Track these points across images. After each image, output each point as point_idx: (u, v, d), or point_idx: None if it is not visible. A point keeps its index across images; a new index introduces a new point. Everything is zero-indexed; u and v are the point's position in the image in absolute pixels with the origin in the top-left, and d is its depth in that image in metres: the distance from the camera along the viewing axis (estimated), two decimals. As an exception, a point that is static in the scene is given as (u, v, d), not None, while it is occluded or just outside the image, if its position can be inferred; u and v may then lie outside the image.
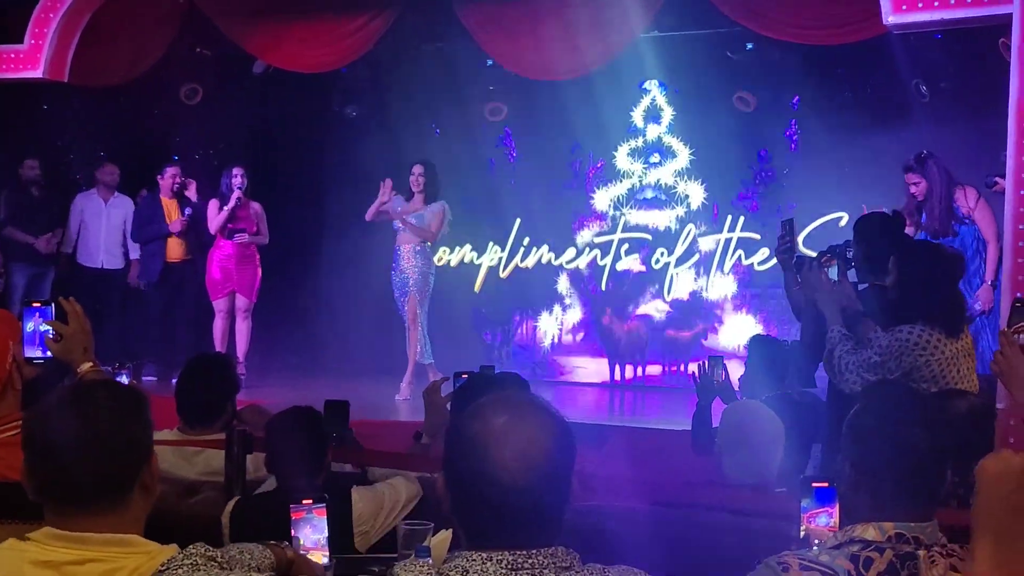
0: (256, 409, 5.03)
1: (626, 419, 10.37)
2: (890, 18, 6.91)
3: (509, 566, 1.93)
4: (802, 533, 2.85)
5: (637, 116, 11.75)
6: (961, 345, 4.71)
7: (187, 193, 10.57)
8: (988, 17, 6.79)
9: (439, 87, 11.78)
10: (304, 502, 3.34)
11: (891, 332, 4.67)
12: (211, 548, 2.21)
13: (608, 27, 8.99)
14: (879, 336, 4.71)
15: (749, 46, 10.67)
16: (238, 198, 10.14)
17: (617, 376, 11.77)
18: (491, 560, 1.94)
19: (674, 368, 11.51)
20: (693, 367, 5.86)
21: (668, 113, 11.66)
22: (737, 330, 11.27)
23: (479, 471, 1.94)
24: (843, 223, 10.40)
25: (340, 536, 3.92)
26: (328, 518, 3.74)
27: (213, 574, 2.09)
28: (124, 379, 5.80)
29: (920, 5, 6.83)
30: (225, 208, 10.18)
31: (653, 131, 11.71)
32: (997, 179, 7.54)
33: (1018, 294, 5.93)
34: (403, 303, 9.99)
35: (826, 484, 2.77)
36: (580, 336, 11.99)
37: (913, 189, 8.23)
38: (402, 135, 11.53)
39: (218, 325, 10.37)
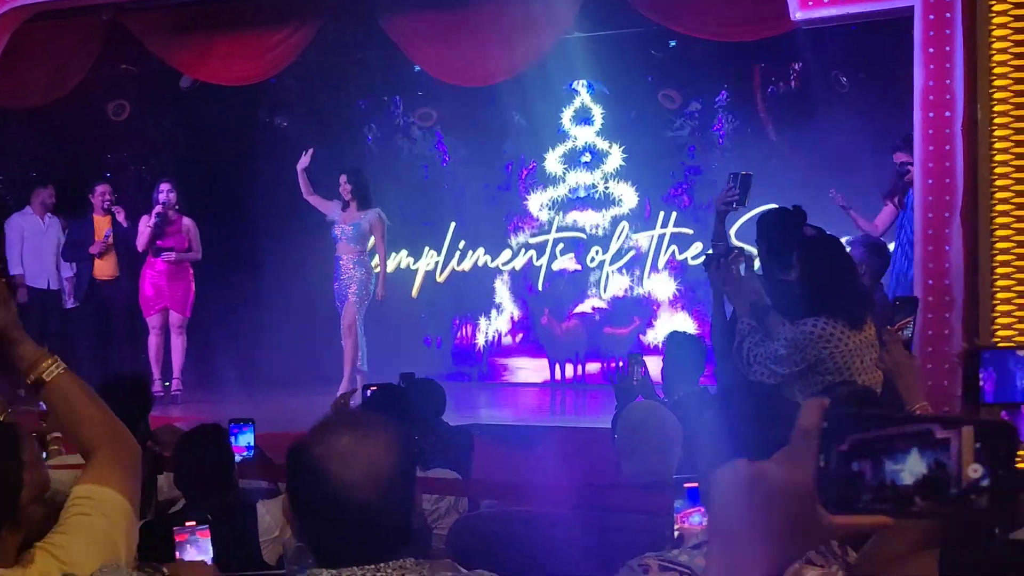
0: (170, 428, 5.02)
1: (567, 418, 10.45)
2: (797, 14, 7.03)
3: None
4: (676, 533, 2.90)
5: (567, 117, 11.80)
6: (864, 336, 4.78)
7: (118, 218, 10.48)
8: (890, 11, 6.95)
9: (369, 95, 11.80)
10: (187, 524, 3.35)
11: (796, 325, 4.74)
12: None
13: (529, 31, 9.04)
14: (785, 329, 4.78)
15: (672, 44, 10.76)
16: (158, 214, 10.06)
17: (557, 375, 11.82)
18: None
19: (613, 365, 11.56)
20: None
21: (597, 113, 11.73)
22: (674, 325, 11.33)
23: (323, 492, 1.98)
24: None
25: (246, 552, 3.95)
26: (229, 536, 3.77)
27: None
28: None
29: (825, 1, 6.95)
30: (148, 225, 10.10)
31: (583, 131, 11.77)
32: (909, 167, 7.65)
33: (899, 293, 6.06)
34: (342, 312, 9.97)
35: (697, 484, 2.81)
36: (519, 337, 12.04)
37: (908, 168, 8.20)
38: (334, 144, 11.54)
39: (152, 342, 10.32)
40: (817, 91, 10.40)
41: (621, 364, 5.78)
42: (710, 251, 5.36)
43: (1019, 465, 1.30)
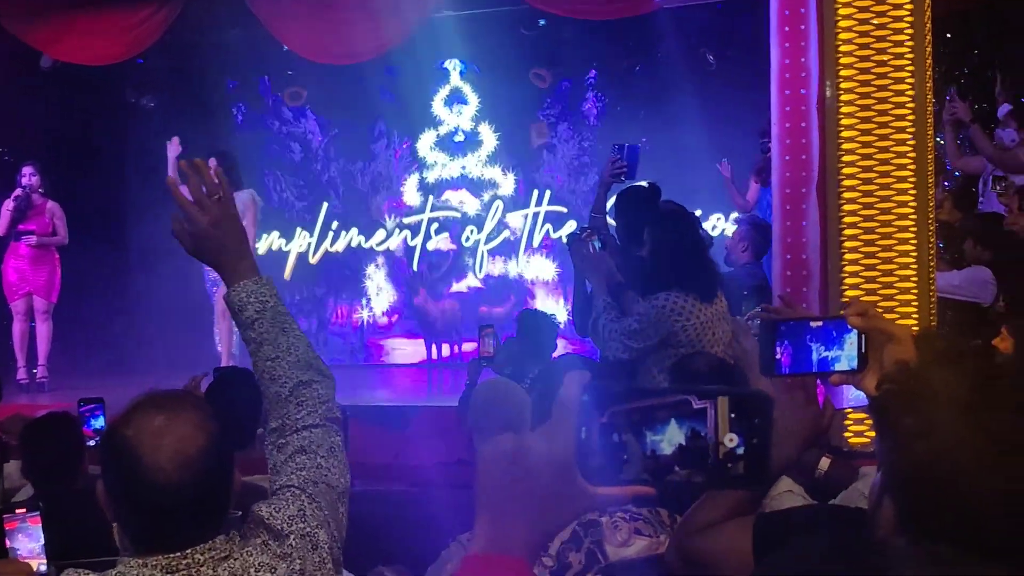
0: (18, 417, 4.93)
1: (444, 398, 10.44)
2: (657, -7, 7.11)
3: (164, 569, 1.95)
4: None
5: (439, 96, 11.77)
6: (715, 310, 4.89)
7: None
8: (747, -10, 7.03)
9: (237, 74, 11.64)
10: (18, 511, 3.30)
11: (648, 300, 4.82)
12: None
13: (397, 9, 9.00)
14: (638, 304, 4.86)
15: (542, 23, 10.78)
16: (17, 197, 9.81)
17: (434, 355, 11.82)
18: (147, 566, 1.95)
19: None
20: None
21: (469, 91, 11.72)
22: (550, 303, 11.43)
23: (135, 476, 1.96)
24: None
25: (96, 539, 3.89)
26: (78, 523, 3.71)
27: None
28: None
29: (684, -20, 7.04)
30: (6, 209, 9.84)
31: (456, 110, 11.76)
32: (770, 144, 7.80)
33: (766, 267, 6.19)
34: (215, 295, 9.82)
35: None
36: (395, 318, 12.01)
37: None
38: (204, 124, 11.36)
39: (16, 328, 10.08)
40: (685, 69, 10.51)
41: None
42: (585, 226, 5.39)
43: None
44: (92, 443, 4.59)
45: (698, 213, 10.38)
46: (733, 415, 1.23)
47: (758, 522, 2.25)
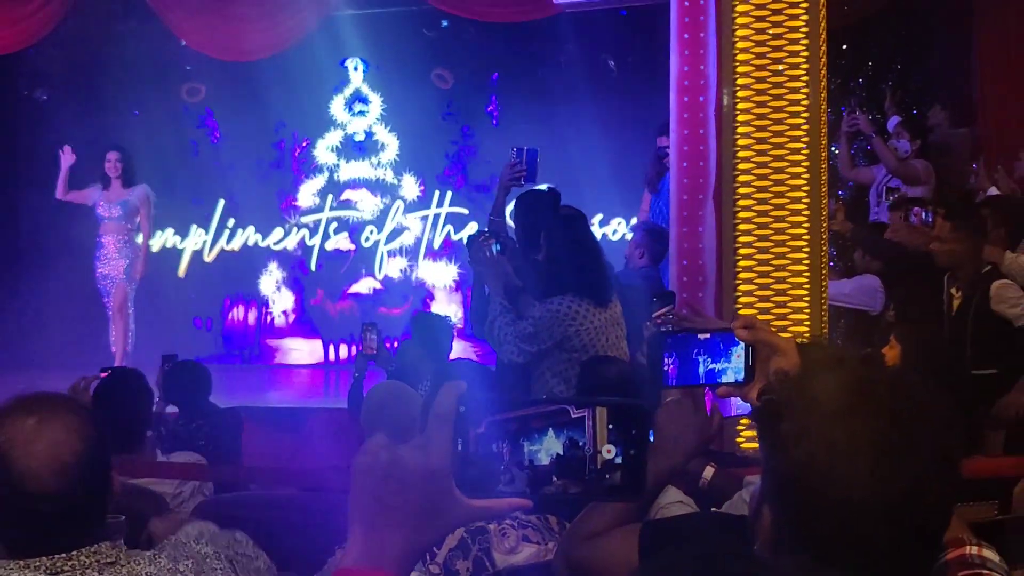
0: None
1: (340, 400, 10.33)
2: (559, -1, 7.13)
3: (48, 571, 1.91)
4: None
5: (339, 96, 11.69)
6: (610, 314, 4.91)
7: None
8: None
9: (135, 68, 11.40)
10: None
11: (543, 303, 4.83)
12: None
13: (295, 6, 8.93)
14: (534, 308, 4.87)
15: (444, 23, 10.77)
16: None
17: (332, 356, 11.72)
18: (29, 568, 1.91)
19: (388, 345, 11.51)
20: None
21: (369, 91, 11.65)
22: (449, 303, 11.41)
23: (8, 482, 1.91)
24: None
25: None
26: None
27: None
28: None
29: (585, -15, 7.07)
30: None
31: (356, 109, 11.68)
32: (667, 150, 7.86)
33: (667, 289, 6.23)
34: (111, 292, 9.62)
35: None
36: (292, 318, 11.89)
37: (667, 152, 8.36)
38: (100, 118, 11.14)
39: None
40: (587, 74, 10.58)
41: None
42: (484, 229, 5.39)
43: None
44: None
45: (598, 218, 10.55)
46: (611, 426, 1.22)
47: (644, 530, 2.25)
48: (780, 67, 5.78)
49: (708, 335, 2.03)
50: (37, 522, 1.93)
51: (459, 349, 8.71)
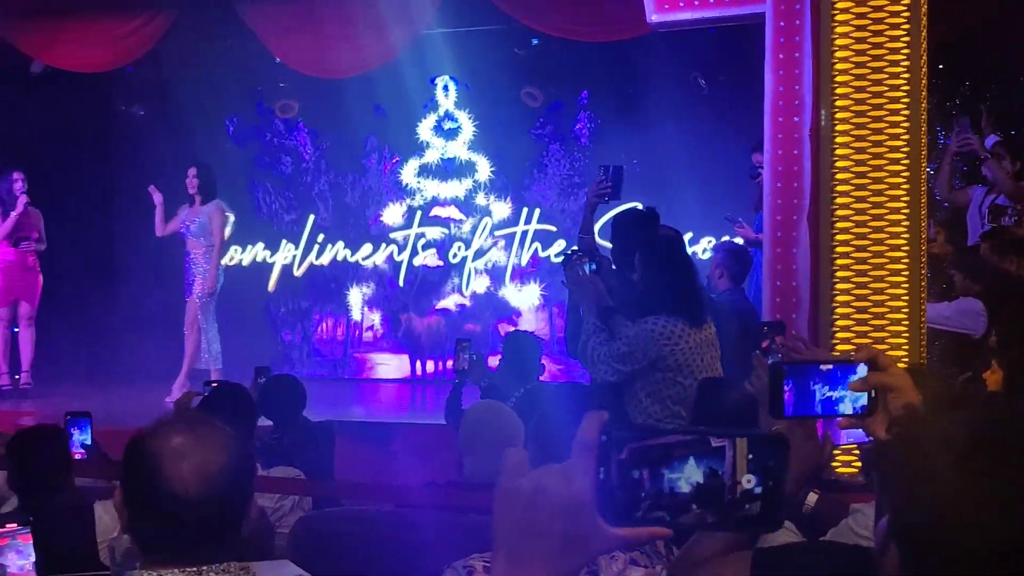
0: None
1: (427, 415, 10.40)
2: (653, 16, 7.13)
3: None
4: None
5: (430, 118, 11.76)
6: (704, 335, 4.89)
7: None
8: (744, 16, 7.09)
9: (229, 85, 11.61)
10: (7, 526, 3.26)
11: (637, 323, 4.83)
12: None
13: (390, 24, 9.00)
14: (628, 327, 4.86)
15: (535, 42, 10.81)
16: (27, 203, 9.80)
17: (419, 371, 11.79)
18: None
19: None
20: None
21: (459, 110, 11.72)
22: (536, 320, 11.43)
23: (155, 485, 1.98)
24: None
25: (83, 553, 3.87)
26: (65, 537, 3.69)
27: None
28: None
29: (681, 4, 7.08)
30: (13, 214, 9.80)
31: (446, 126, 11.75)
32: (760, 170, 7.80)
33: (769, 319, 6.18)
34: (188, 304, 9.77)
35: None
36: (380, 332, 11.98)
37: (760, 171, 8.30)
38: (194, 134, 11.36)
39: (-1, 334, 10.03)
40: (677, 92, 10.56)
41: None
42: (574, 247, 5.40)
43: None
44: (77, 457, 4.57)
45: (688, 236, 10.49)
46: (751, 456, 1.23)
47: (756, 557, 2.24)
48: (881, 88, 5.72)
49: (831, 366, 2.02)
50: (178, 526, 1.98)
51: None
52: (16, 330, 10.17)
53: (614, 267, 5.48)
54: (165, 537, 2.01)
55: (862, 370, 2.00)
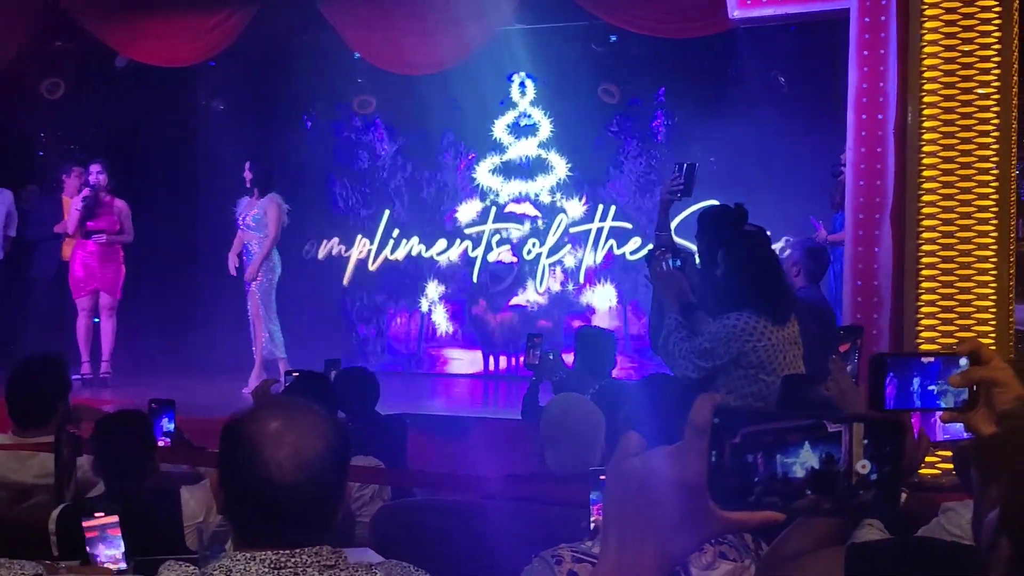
0: (85, 408, 4.96)
1: (499, 410, 10.42)
2: (735, 12, 7.08)
3: (272, 565, 1.97)
4: (592, 524, 2.91)
5: (506, 117, 11.78)
6: (787, 333, 4.84)
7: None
8: (827, 12, 7.01)
9: (308, 80, 11.70)
10: (97, 518, 3.30)
11: (720, 319, 4.79)
12: None
13: (468, 20, 9.02)
14: (710, 323, 4.83)
15: (613, 39, 10.78)
16: (85, 196, 9.90)
17: (491, 367, 11.82)
18: (255, 560, 1.97)
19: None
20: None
21: (535, 107, 11.71)
22: (610, 317, 11.40)
23: (252, 468, 2.00)
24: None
25: (169, 537, 3.91)
26: (151, 522, 3.74)
27: None
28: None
29: (763, 0, 7.00)
30: (77, 207, 9.94)
31: (523, 122, 11.76)
32: (842, 168, 7.72)
33: (849, 320, 6.10)
34: (250, 296, 9.84)
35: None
36: (453, 328, 12.01)
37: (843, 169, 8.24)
38: (273, 129, 11.46)
39: (81, 324, 10.17)
40: (756, 90, 10.47)
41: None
42: (662, 244, 5.38)
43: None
44: (161, 443, 4.63)
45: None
46: (867, 441, 1.21)
47: (851, 553, 2.21)
48: (970, 84, 5.62)
49: (932, 359, 1.99)
50: (273, 511, 2.00)
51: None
52: (97, 320, 10.32)
53: (699, 264, 5.45)
54: (260, 520, 2.03)
55: (964, 364, 1.97)
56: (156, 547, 3.68)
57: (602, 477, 2.87)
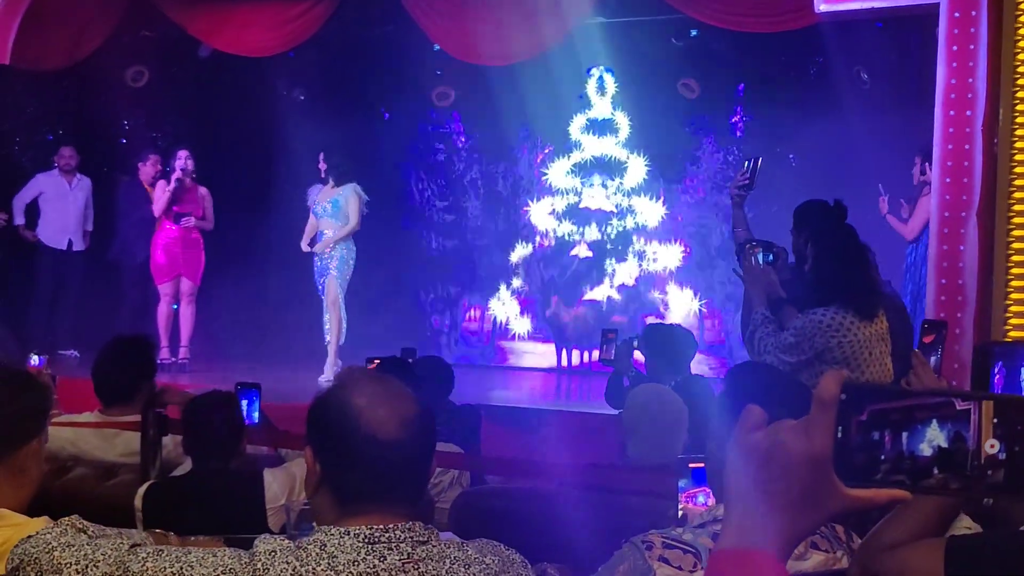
0: (174, 391, 5.02)
1: (572, 404, 10.41)
2: (821, 7, 7.02)
3: (366, 540, 1.98)
4: (680, 512, 2.89)
5: (583, 102, 11.75)
6: (875, 329, 4.77)
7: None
8: (916, 6, 6.91)
9: (387, 71, 11.77)
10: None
11: (806, 314, 4.74)
12: (83, 522, 2.22)
13: (550, 13, 9.02)
14: (796, 318, 4.79)
15: (693, 33, 10.72)
16: (178, 179, 10.04)
17: (564, 362, 11.80)
18: (348, 535, 1.99)
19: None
20: None
21: (613, 100, 11.67)
22: (683, 312, 11.33)
23: (354, 429, 2.03)
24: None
25: (253, 518, 3.95)
26: (236, 502, 3.79)
27: (80, 540, 2.10)
28: (35, 361, 5.82)
29: (850, -7, 6.93)
30: (167, 190, 10.09)
31: (600, 115, 11.72)
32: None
33: (932, 316, 6.01)
34: (323, 285, 9.91)
35: (703, 464, 2.79)
36: (527, 322, 12.02)
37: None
38: (351, 120, 11.53)
39: (162, 309, 10.31)
40: (838, 86, 10.33)
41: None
42: (752, 239, 5.33)
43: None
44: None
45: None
46: (996, 420, 1.18)
47: (951, 545, 2.18)
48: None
49: None
50: (376, 470, 2.03)
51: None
52: (176, 307, 10.45)
53: (792, 260, 5.41)
54: (362, 481, 2.05)
55: None
56: (239, 528, 3.72)
57: (692, 466, 2.85)
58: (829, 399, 1.19)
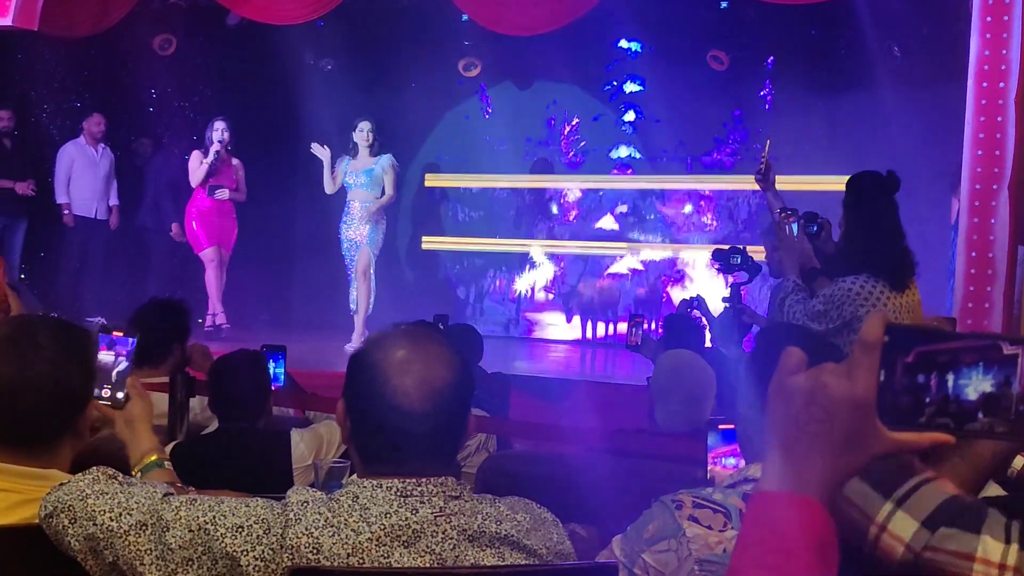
0: (201, 349, 5.04)
1: (596, 375, 10.41)
2: (853, -23, 6.94)
3: (398, 492, 1.97)
4: (708, 474, 2.88)
5: (611, 74, 11.70)
6: (906, 300, 4.74)
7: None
8: (950, -24, 6.83)
9: (414, 41, 11.73)
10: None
11: (836, 281, 4.72)
12: (114, 470, 2.22)
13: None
14: (827, 287, 4.77)
15: (723, 4, 10.66)
16: (216, 152, 10.05)
17: (589, 334, 11.80)
18: (381, 487, 1.98)
19: (646, 326, 11.50)
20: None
21: (642, 72, 11.61)
22: (709, 286, 11.28)
23: (380, 396, 2.00)
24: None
25: (280, 478, 3.97)
26: (264, 461, 3.80)
27: (113, 487, 2.11)
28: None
29: (882, -36, 6.86)
30: (205, 161, 10.08)
31: (628, 88, 11.68)
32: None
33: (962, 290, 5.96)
34: (353, 256, 9.90)
35: (732, 426, 2.77)
36: (552, 294, 12.01)
37: None
38: (378, 89, 11.51)
39: (210, 275, 10.29)
40: (868, 60, 10.24)
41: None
42: (787, 207, 5.29)
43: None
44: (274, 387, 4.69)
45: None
46: None
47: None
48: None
49: None
50: (399, 439, 2.00)
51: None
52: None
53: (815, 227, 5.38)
54: (385, 448, 2.03)
55: None
56: (265, 487, 3.73)
57: (721, 427, 2.84)
58: (873, 341, 1.18)
